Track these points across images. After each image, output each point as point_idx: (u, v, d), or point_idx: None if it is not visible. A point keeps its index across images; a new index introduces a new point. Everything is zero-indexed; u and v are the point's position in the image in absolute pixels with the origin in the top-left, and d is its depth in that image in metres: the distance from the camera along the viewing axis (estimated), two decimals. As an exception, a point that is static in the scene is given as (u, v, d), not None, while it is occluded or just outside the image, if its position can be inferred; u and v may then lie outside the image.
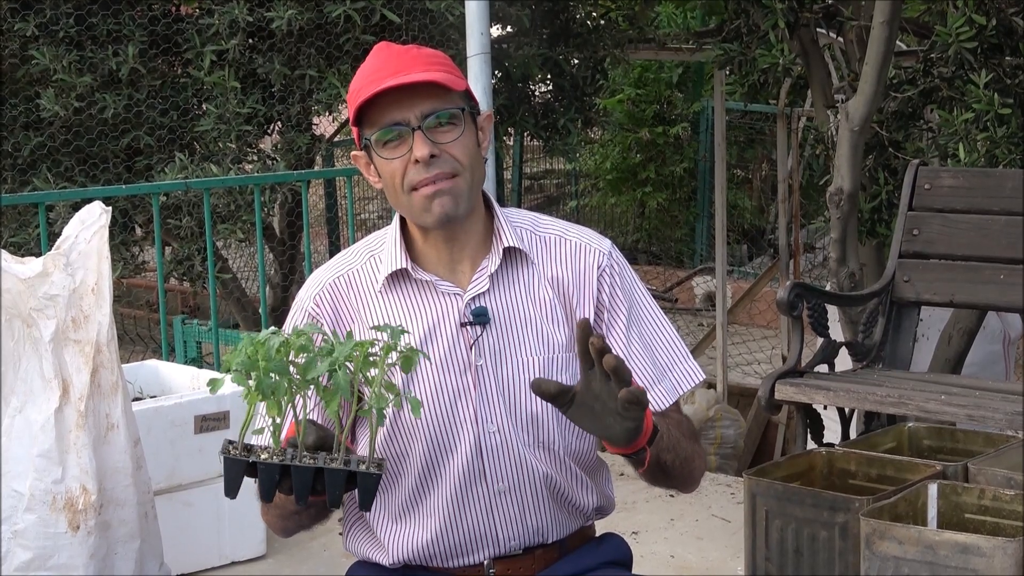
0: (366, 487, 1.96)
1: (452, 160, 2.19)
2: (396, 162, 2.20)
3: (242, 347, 1.95)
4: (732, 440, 7.26)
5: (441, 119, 2.19)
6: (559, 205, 13.61)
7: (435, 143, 2.18)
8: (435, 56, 2.24)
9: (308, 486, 1.94)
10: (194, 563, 4.20)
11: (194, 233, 6.18)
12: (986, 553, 2.92)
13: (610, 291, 2.30)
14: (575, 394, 2.01)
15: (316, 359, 1.94)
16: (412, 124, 2.18)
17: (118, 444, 3.55)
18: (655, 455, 2.13)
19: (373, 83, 2.17)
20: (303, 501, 1.95)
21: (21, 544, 3.49)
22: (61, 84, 5.93)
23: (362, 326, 2.26)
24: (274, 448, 1.96)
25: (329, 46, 6.14)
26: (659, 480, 2.26)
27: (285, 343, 1.94)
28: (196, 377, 4.44)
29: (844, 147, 4.91)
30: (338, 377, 1.93)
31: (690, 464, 2.27)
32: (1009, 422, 3.69)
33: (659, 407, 2.29)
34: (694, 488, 2.36)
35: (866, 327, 4.44)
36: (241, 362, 1.94)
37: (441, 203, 2.19)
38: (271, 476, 1.95)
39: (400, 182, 2.20)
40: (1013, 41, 4.93)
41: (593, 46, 7.10)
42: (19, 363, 3.51)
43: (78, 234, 3.52)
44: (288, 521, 2.27)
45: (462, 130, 2.20)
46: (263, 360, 1.93)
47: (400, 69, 2.17)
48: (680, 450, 2.22)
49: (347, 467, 1.95)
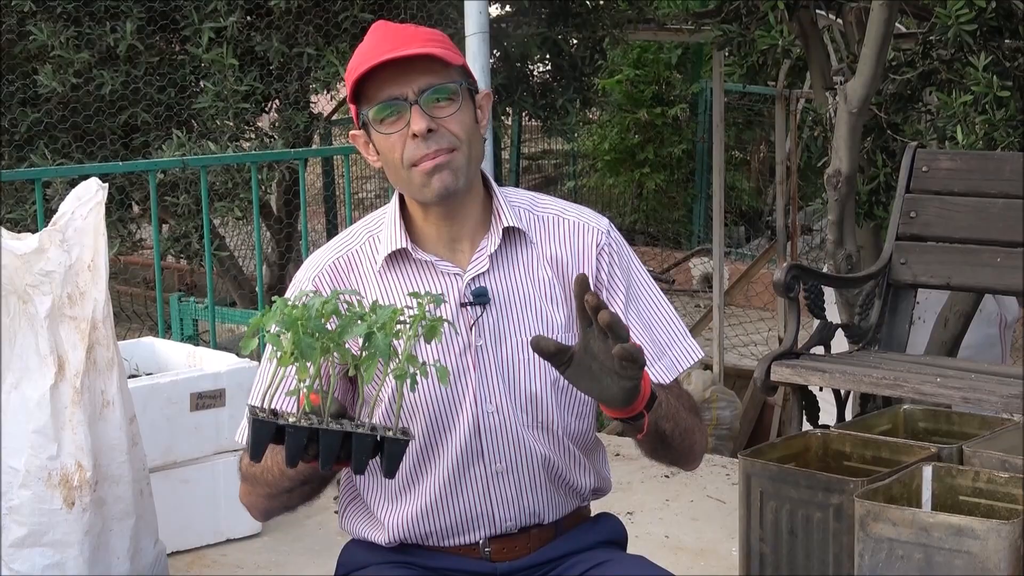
0: (393, 453, 1.96)
1: (450, 135, 2.18)
2: (394, 137, 2.19)
3: (277, 307, 1.93)
4: (728, 421, 7.27)
5: (439, 94, 2.18)
6: (557, 185, 13.60)
7: (433, 118, 2.17)
8: (432, 34, 2.24)
9: (335, 451, 1.94)
10: (189, 540, 4.20)
11: (191, 211, 6.18)
12: (980, 535, 2.93)
13: (608, 269, 2.30)
14: (573, 354, 2.00)
15: (351, 322, 1.93)
16: (409, 99, 2.17)
17: (114, 421, 3.55)
18: (653, 422, 2.13)
19: (370, 59, 2.17)
20: (328, 465, 1.95)
21: (16, 520, 3.49)
22: (59, 60, 5.92)
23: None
24: (299, 413, 1.96)
25: (327, 24, 6.13)
26: (659, 452, 2.25)
27: (327, 302, 1.93)
28: (192, 355, 4.44)
29: (842, 129, 4.91)
30: (377, 339, 1.92)
31: (690, 437, 2.26)
32: (1005, 405, 3.69)
33: (659, 382, 2.28)
34: (695, 464, 2.35)
35: (863, 309, 4.44)
36: (279, 320, 1.92)
37: (440, 178, 2.18)
38: (299, 440, 1.94)
39: (399, 157, 2.20)
40: (1013, 24, 4.92)
41: (592, 26, 7.09)
42: (15, 339, 3.50)
43: (74, 210, 3.51)
44: (275, 501, 2.25)
45: (459, 105, 2.20)
46: (302, 320, 1.91)
47: (397, 45, 2.17)
48: (680, 420, 2.22)
49: (374, 433, 1.95)
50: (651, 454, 2.27)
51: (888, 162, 5.32)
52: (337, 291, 2.00)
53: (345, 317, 1.94)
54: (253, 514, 2.34)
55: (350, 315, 1.95)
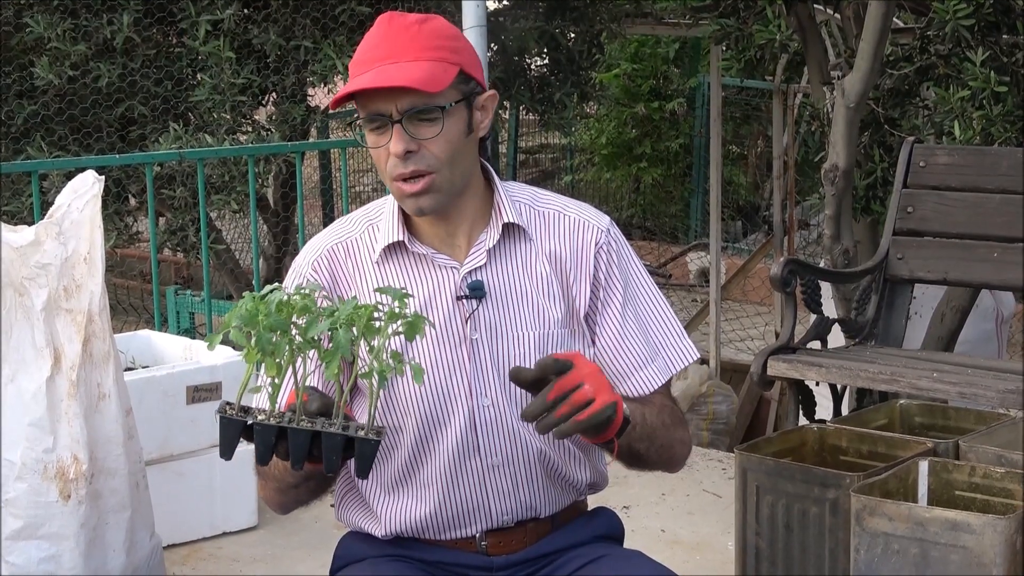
0: (363, 453, 1.93)
1: (430, 156, 2.17)
2: (380, 150, 2.19)
3: (242, 303, 1.90)
4: (724, 416, 7.27)
5: (422, 115, 2.16)
6: (554, 179, 13.58)
7: (413, 138, 2.16)
8: (435, 39, 2.19)
9: (304, 450, 1.92)
10: (185, 533, 4.20)
11: (188, 203, 6.17)
12: (976, 530, 2.93)
13: (607, 268, 2.30)
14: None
15: (318, 318, 1.90)
16: (393, 117, 2.16)
17: (110, 414, 3.55)
18: (626, 445, 2.16)
19: (365, 64, 2.16)
20: (299, 465, 1.93)
21: (12, 512, 3.49)
22: (55, 52, 5.91)
23: (358, 295, 2.25)
24: (272, 411, 1.93)
25: (325, 17, 6.12)
26: (634, 466, 2.29)
27: (287, 301, 1.90)
28: (189, 348, 4.44)
29: (840, 124, 4.91)
30: (338, 336, 1.89)
31: (668, 452, 2.29)
32: (1001, 400, 3.69)
33: (648, 388, 2.29)
34: (676, 470, 2.39)
35: (859, 304, 4.44)
36: (241, 317, 1.89)
37: (417, 201, 2.19)
38: (267, 438, 1.92)
39: (383, 167, 2.21)
40: (1010, 19, 4.92)
41: (590, 20, 7.08)
42: (10, 332, 3.50)
43: (71, 203, 3.51)
44: (285, 496, 2.25)
45: (442, 127, 2.17)
46: (263, 316, 1.88)
47: (392, 54, 2.15)
48: (656, 439, 2.23)
49: (345, 432, 1.92)
50: (627, 467, 2.29)
51: (885, 157, 5.32)
52: (315, 285, 1.99)
53: (312, 314, 1.91)
54: (271, 507, 2.34)
55: (321, 311, 1.92)
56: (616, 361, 2.29)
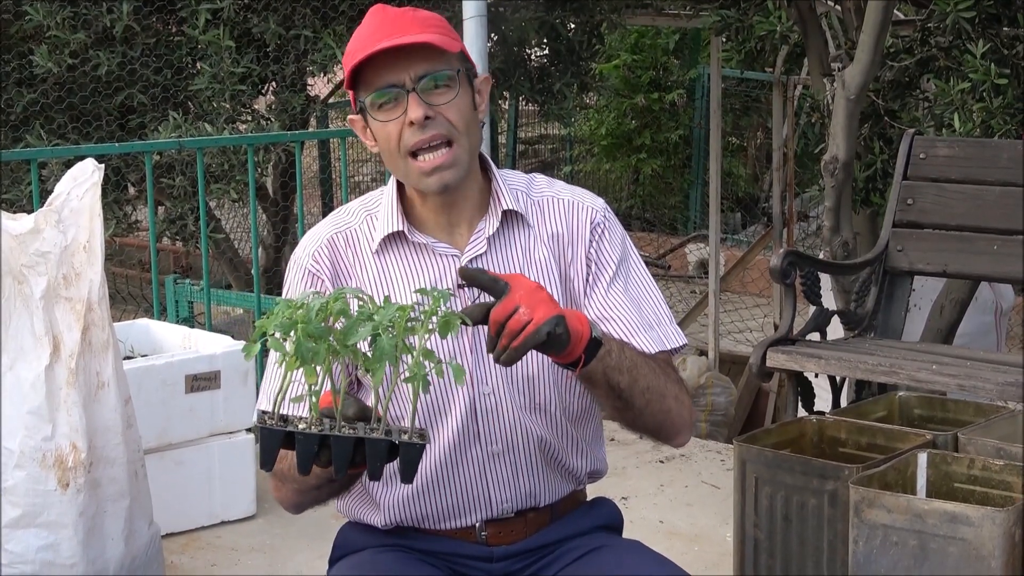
0: (409, 458, 1.88)
1: (447, 123, 2.18)
2: (391, 125, 2.19)
3: (279, 310, 1.86)
4: (723, 407, 7.28)
5: (436, 81, 2.18)
6: (554, 170, 13.57)
7: (430, 105, 2.17)
8: (431, 19, 2.23)
9: (348, 458, 1.88)
10: (184, 522, 4.20)
11: (187, 192, 6.16)
12: (974, 522, 2.93)
13: (599, 245, 2.30)
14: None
15: (357, 324, 1.85)
16: (407, 86, 2.16)
17: (108, 402, 3.55)
18: (600, 371, 2.10)
19: (368, 45, 2.16)
20: (342, 473, 1.90)
21: (10, 501, 3.49)
22: (55, 41, 5.90)
23: (360, 285, 2.25)
24: (311, 417, 1.88)
25: (325, 6, 6.11)
26: (624, 413, 2.20)
27: (325, 306, 1.85)
28: (188, 337, 4.44)
29: (840, 116, 4.90)
30: (382, 342, 1.85)
31: (660, 403, 2.21)
32: (1000, 392, 3.69)
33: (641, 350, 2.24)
34: (676, 438, 2.30)
35: (859, 296, 4.44)
36: (280, 324, 1.84)
37: (440, 176, 2.18)
38: (309, 447, 1.87)
39: (396, 145, 2.20)
40: (1011, 11, 4.91)
41: (590, 10, 7.06)
42: (9, 320, 3.49)
43: (70, 191, 3.50)
44: (305, 496, 2.23)
45: (456, 92, 2.19)
46: (302, 323, 1.84)
47: (395, 31, 2.17)
48: (640, 378, 2.16)
49: (388, 437, 1.87)
50: (614, 414, 2.22)
51: (885, 149, 5.32)
52: (343, 289, 1.94)
53: (352, 318, 1.87)
54: (285, 508, 2.31)
55: (359, 316, 1.87)
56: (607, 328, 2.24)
